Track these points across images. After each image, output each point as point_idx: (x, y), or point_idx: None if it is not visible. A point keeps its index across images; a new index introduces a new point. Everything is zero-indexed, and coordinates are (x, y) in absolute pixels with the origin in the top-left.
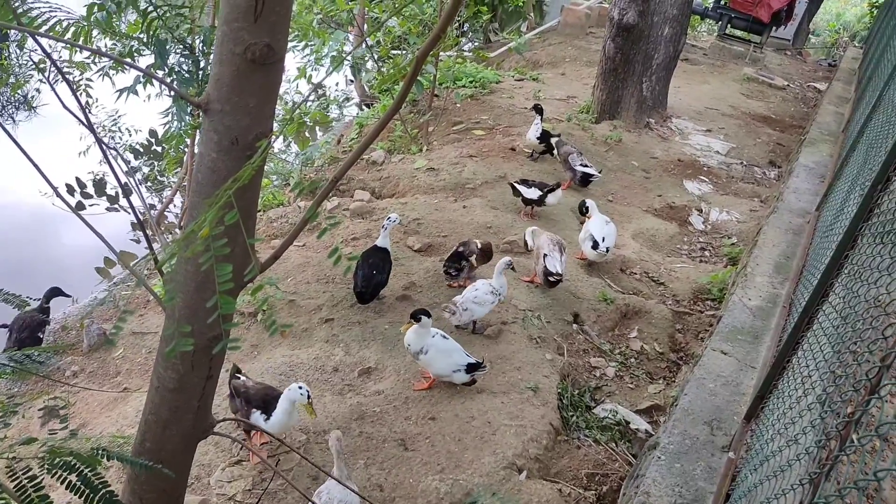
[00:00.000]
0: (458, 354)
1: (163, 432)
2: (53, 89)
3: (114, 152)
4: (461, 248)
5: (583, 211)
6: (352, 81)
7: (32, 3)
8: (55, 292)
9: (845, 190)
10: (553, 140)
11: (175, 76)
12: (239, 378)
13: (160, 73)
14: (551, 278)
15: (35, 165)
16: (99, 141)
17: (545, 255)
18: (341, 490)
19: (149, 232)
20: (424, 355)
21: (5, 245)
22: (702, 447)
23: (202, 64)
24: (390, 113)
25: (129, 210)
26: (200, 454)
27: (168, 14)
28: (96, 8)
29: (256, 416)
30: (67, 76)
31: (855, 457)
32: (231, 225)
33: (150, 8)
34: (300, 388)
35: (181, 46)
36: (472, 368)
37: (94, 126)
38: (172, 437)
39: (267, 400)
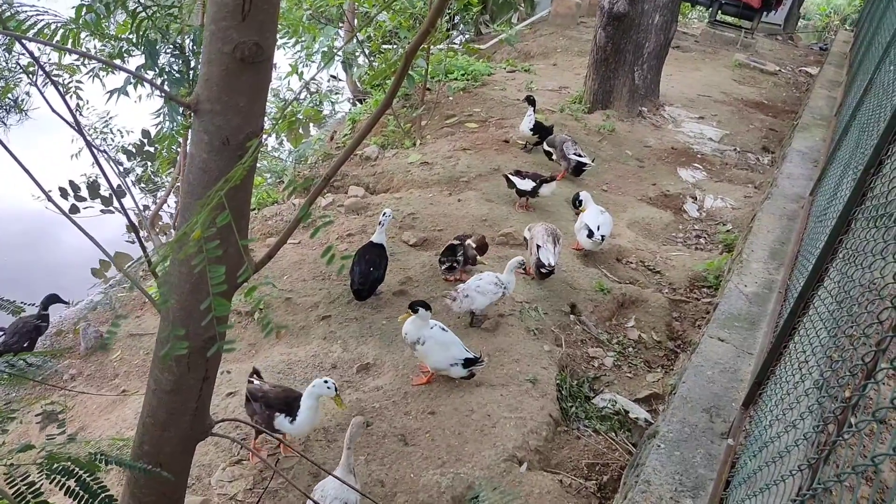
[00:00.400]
0: (457, 348)
1: (161, 435)
2: (42, 93)
3: (104, 155)
4: (455, 242)
5: (577, 204)
6: (334, 77)
7: (19, 6)
8: (53, 299)
9: (838, 174)
10: (545, 145)
11: (166, 76)
12: (253, 381)
13: (150, 74)
14: (543, 270)
15: (25, 169)
16: (88, 144)
17: (538, 247)
18: (336, 487)
19: (144, 233)
20: (421, 346)
21: (7, 249)
22: (701, 434)
23: (192, 63)
24: (380, 110)
25: (123, 212)
26: (200, 454)
27: (158, 14)
28: (85, 9)
29: (281, 420)
30: (57, 79)
31: (854, 440)
32: (223, 226)
33: (140, 8)
34: (325, 381)
35: (171, 46)
36: (469, 363)
37: (86, 128)
38: (171, 439)
39: (288, 402)
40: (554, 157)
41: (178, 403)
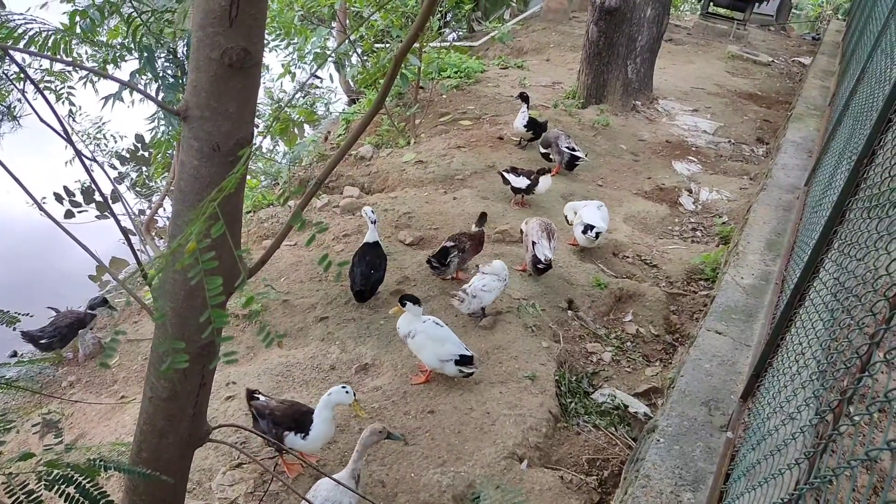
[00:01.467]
0: (452, 344)
1: (158, 442)
2: (30, 103)
3: (95, 163)
4: (449, 244)
5: (569, 221)
6: (318, 78)
7: (7, 15)
8: (102, 302)
9: (833, 164)
10: (541, 147)
11: (160, 82)
12: (258, 398)
13: (144, 79)
14: (539, 265)
15: (14, 177)
16: (78, 154)
17: (533, 244)
18: (329, 488)
19: (139, 238)
20: (412, 339)
21: (16, 257)
22: (700, 428)
23: (187, 68)
24: (372, 111)
25: (115, 220)
26: (201, 459)
27: (152, 19)
28: (78, 16)
29: (292, 438)
30: (49, 85)
31: (852, 430)
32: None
33: (134, 14)
34: (343, 388)
35: (165, 51)
36: (463, 361)
37: (79, 134)
38: (168, 446)
39: (297, 417)
40: (551, 154)
41: (175, 410)
